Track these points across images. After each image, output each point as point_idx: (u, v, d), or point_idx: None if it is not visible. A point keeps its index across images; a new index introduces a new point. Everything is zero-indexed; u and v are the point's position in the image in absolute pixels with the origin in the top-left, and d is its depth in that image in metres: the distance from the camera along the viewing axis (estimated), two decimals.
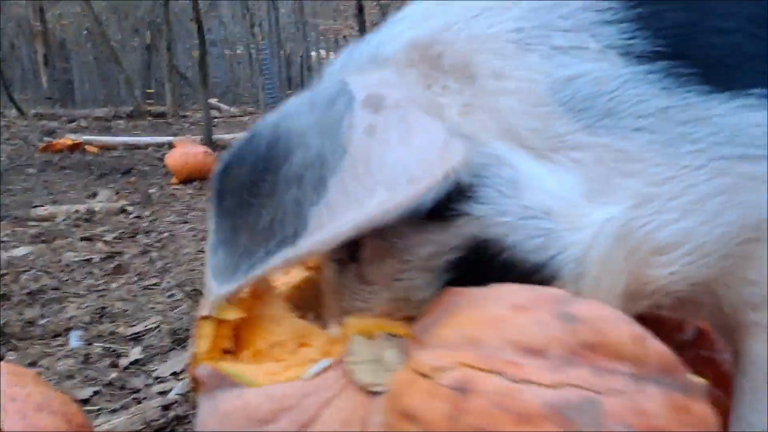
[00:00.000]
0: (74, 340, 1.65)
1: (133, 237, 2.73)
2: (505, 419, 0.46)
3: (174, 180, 4.11)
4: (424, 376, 0.52)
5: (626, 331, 0.50)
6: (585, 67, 0.64)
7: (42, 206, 3.36)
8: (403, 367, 0.57)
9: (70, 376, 1.44)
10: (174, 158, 4.11)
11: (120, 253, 2.47)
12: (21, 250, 2.53)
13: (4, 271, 2.22)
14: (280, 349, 0.75)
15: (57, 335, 1.70)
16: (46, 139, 6.20)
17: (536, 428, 0.45)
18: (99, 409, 1.28)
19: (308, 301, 0.81)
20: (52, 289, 2.05)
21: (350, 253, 0.69)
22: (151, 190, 3.83)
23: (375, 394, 0.59)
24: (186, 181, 4.04)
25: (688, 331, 0.87)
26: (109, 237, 2.73)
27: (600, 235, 0.62)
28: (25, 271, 2.24)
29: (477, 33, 0.68)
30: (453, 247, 0.64)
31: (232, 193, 0.64)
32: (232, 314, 0.76)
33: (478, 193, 0.63)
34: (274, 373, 0.70)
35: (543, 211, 0.62)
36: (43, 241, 2.69)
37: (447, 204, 0.62)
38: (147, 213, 3.21)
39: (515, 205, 0.62)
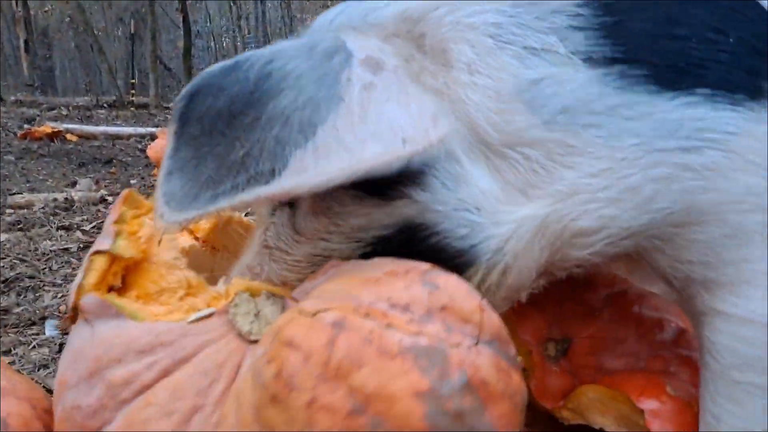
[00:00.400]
0: (49, 329, 1.63)
1: None
2: (370, 351, 0.56)
3: (156, 172, 4.07)
4: (308, 315, 0.60)
5: (474, 302, 0.61)
6: (551, 70, 0.69)
7: (20, 194, 3.31)
8: (289, 311, 0.64)
9: (45, 365, 1.43)
10: (156, 150, 4.07)
11: None
12: None
13: None
14: (167, 295, 0.79)
15: (32, 324, 1.68)
16: (25, 126, 6.10)
17: (393, 362, 0.55)
18: None
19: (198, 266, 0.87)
20: (28, 278, 2.02)
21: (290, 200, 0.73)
22: (132, 181, 3.79)
23: (251, 342, 0.65)
24: None
25: (668, 331, 0.88)
26: (87, 227, 2.70)
27: (518, 230, 0.69)
28: (1, 258, 2.20)
29: (459, 19, 0.71)
30: (385, 224, 0.70)
31: (202, 120, 0.63)
32: (129, 252, 0.81)
33: (425, 181, 0.68)
34: (157, 314, 0.74)
35: (474, 206, 0.69)
36: (20, 229, 2.65)
37: (392, 184, 0.67)
38: None
39: (452, 198, 0.69)
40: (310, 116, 0.61)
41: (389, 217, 0.69)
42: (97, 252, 0.79)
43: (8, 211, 3.00)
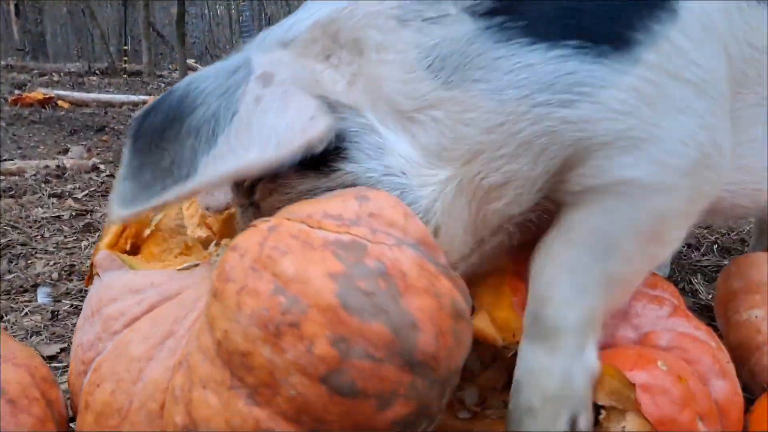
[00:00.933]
0: (42, 296, 1.63)
1: (104, 195, 2.68)
2: (296, 244, 0.64)
3: None
4: (253, 226, 0.69)
5: (400, 210, 0.69)
6: (444, 32, 0.75)
7: (11, 160, 3.29)
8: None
9: (37, 332, 1.43)
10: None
11: (91, 212, 2.43)
12: None
13: None
14: (167, 254, 0.99)
15: (24, 291, 1.68)
16: (16, 92, 6.03)
17: (314, 252, 0.63)
18: (65, 366, 1.26)
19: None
20: (20, 245, 2.01)
21: (249, 198, 0.85)
22: (124, 149, 3.76)
23: None
24: None
25: (664, 308, 0.88)
26: (79, 194, 2.68)
27: (443, 192, 0.77)
28: None
29: (366, 10, 0.80)
30: (330, 188, 0.77)
31: (145, 136, 0.76)
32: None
33: (351, 154, 0.77)
34: (155, 268, 0.90)
35: (400, 171, 0.77)
36: (11, 196, 2.63)
37: (326, 161, 0.76)
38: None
39: (379, 165, 0.77)
40: (214, 127, 0.72)
41: (331, 184, 0.78)
42: (113, 223, 0.99)
43: None
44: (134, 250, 1.03)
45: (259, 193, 0.83)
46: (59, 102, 5.52)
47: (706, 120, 0.79)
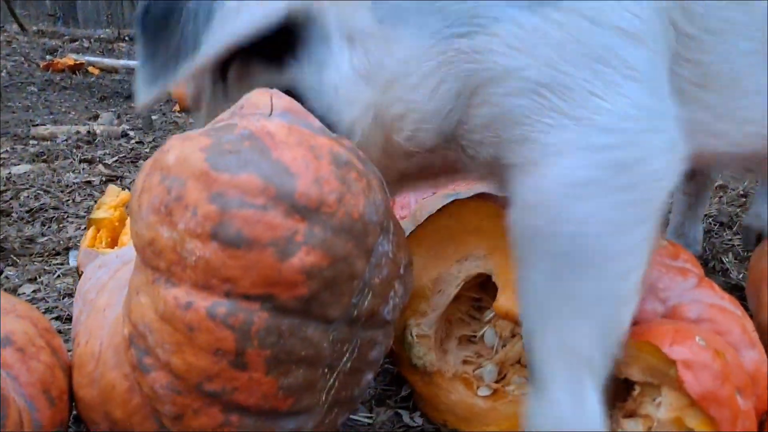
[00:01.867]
0: (73, 259, 1.66)
1: (134, 162, 2.72)
2: (178, 142, 0.70)
3: (177, 107, 4.06)
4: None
5: (266, 94, 0.75)
6: None
7: (43, 125, 3.34)
8: None
9: (69, 294, 1.46)
10: (178, 85, 4.04)
11: (121, 177, 2.46)
12: (21, 168, 2.52)
13: (4, 188, 2.21)
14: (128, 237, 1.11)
15: (56, 254, 1.71)
16: (47, 57, 6.09)
17: (191, 141, 0.69)
18: None
19: None
20: (52, 208, 2.05)
21: (222, 73, 0.88)
22: (153, 116, 3.79)
23: None
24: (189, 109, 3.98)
25: (689, 279, 0.87)
26: (109, 160, 2.72)
27: (362, 115, 0.80)
28: (26, 188, 2.24)
29: None
30: (284, 87, 0.81)
31: (152, 25, 0.81)
32: (102, 215, 1.40)
33: (299, 57, 0.81)
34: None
35: (333, 87, 0.80)
36: (43, 161, 2.68)
37: (284, 60, 0.82)
38: (149, 138, 3.19)
39: (317, 79, 0.81)
40: (209, 8, 0.77)
41: (284, 81, 0.82)
42: (89, 222, 1.35)
43: (32, 142, 3.02)
44: (113, 245, 1.31)
45: (232, 76, 0.87)
46: (89, 68, 5.57)
47: (640, 73, 0.72)
